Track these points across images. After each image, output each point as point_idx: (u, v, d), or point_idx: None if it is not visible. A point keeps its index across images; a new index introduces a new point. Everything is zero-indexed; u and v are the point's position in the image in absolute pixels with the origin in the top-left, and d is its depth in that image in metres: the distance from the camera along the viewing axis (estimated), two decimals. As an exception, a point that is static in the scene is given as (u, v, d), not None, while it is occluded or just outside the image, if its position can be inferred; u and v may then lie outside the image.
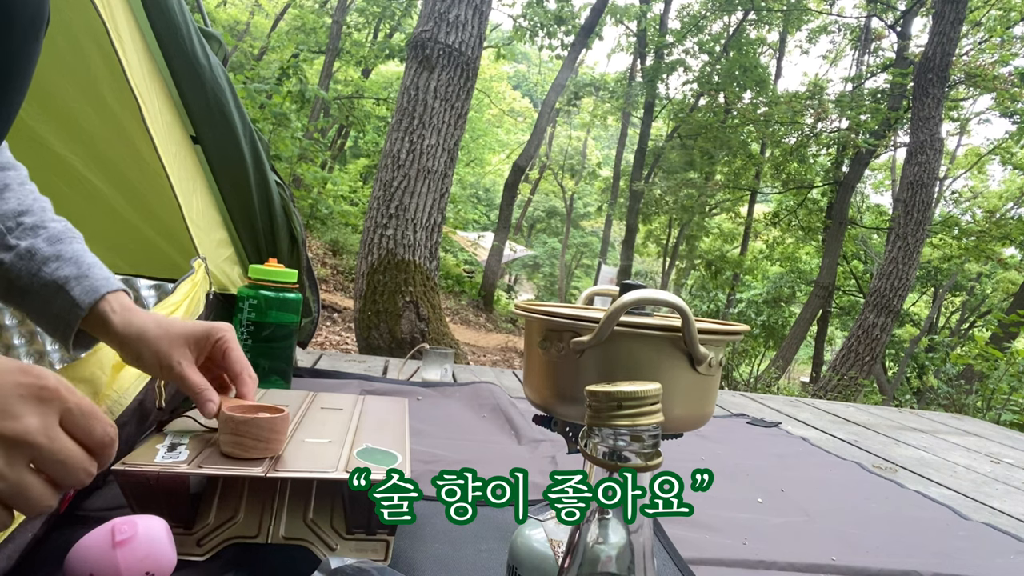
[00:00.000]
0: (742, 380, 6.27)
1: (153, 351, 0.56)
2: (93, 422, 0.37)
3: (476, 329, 8.55)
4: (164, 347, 0.56)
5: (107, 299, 0.56)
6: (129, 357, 0.58)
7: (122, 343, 0.57)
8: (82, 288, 0.55)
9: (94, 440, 0.37)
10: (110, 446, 0.38)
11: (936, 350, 6.01)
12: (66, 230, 0.59)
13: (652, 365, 0.54)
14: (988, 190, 12.26)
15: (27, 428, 0.33)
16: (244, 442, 0.55)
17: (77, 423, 0.36)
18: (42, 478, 0.35)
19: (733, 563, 0.73)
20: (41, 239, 0.56)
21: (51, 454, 0.35)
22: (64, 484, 0.36)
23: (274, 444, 0.56)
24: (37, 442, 0.34)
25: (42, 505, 0.35)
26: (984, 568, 0.80)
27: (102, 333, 0.57)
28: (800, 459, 1.26)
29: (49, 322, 0.56)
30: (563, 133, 18.86)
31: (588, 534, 0.31)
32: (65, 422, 0.36)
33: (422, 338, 3.22)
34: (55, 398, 0.35)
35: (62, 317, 0.55)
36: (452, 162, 3.54)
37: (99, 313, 0.56)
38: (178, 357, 0.57)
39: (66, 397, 0.36)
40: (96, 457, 0.38)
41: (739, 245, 12.75)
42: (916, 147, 5.38)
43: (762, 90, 10.78)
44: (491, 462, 0.96)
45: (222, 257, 1.14)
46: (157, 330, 0.57)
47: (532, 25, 10.08)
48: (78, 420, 0.36)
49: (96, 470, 0.38)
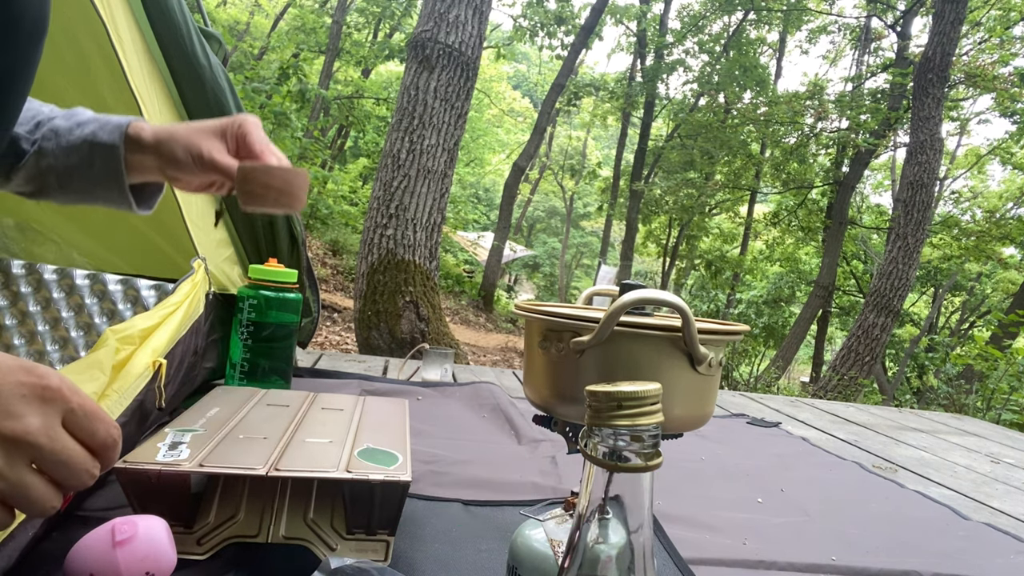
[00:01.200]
0: (742, 380, 6.27)
1: (184, 145, 0.58)
2: (96, 423, 0.37)
3: (476, 329, 8.55)
4: (195, 139, 0.59)
5: (132, 126, 0.59)
6: (166, 163, 0.59)
7: (158, 150, 0.59)
8: (108, 131, 0.58)
9: (97, 441, 0.37)
10: (113, 448, 0.38)
11: (936, 350, 6.02)
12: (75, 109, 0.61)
13: (652, 365, 0.54)
14: (988, 190, 12.26)
15: (28, 428, 0.33)
16: (255, 191, 0.55)
17: (80, 424, 0.36)
18: (45, 479, 0.35)
19: (733, 563, 0.73)
20: (58, 119, 0.59)
21: (52, 454, 0.34)
22: (67, 485, 0.36)
23: (290, 198, 0.56)
24: (38, 442, 0.34)
25: (45, 506, 0.35)
26: (984, 568, 0.80)
27: (141, 154, 0.59)
28: (800, 459, 1.26)
29: (104, 186, 0.59)
30: (563, 133, 18.86)
31: (588, 534, 0.31)
32: (68, 423, 0.36)
33: (422, 338, 3.23)
34: (57, 398, 0.35)
35: (108, 167, 0.58)
36: (452, 162, 3.54)
37: (133, 139, 0.58)
38: (207, 146, 0.59)
39: (69, 397, 0.35)
40: (99, 458, 0.37)
41: (739, 245, 12.75)
42: (916, 147, 5.38)
43: (762, 90, 10.78)
44: (491, 462, 0.96)
45: (222, 257, 1.14)
46: (185, 128, 0.60)
47: (532, 25, 10.08)
48: (81, 421, 0.36)
49: (99, 472, 0.37)
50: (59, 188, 0.59)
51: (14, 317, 1.10)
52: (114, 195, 0.60)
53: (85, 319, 1.13)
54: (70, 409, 0.35)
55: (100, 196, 0.60)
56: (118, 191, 0.59)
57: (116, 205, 0.62)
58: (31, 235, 1.18)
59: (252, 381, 1.02)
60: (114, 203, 0.61)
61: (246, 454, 0.56)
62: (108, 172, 0.58)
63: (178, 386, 0.89)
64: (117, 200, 0.61)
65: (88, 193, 0.60)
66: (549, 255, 19.44)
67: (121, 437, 0.39)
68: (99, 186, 0.59)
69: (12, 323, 1.10)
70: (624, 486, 0.30)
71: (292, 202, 0.58)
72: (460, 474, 0.88)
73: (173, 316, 0.83)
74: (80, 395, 0.36)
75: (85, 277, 1.13)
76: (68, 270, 1.12)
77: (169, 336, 0.81)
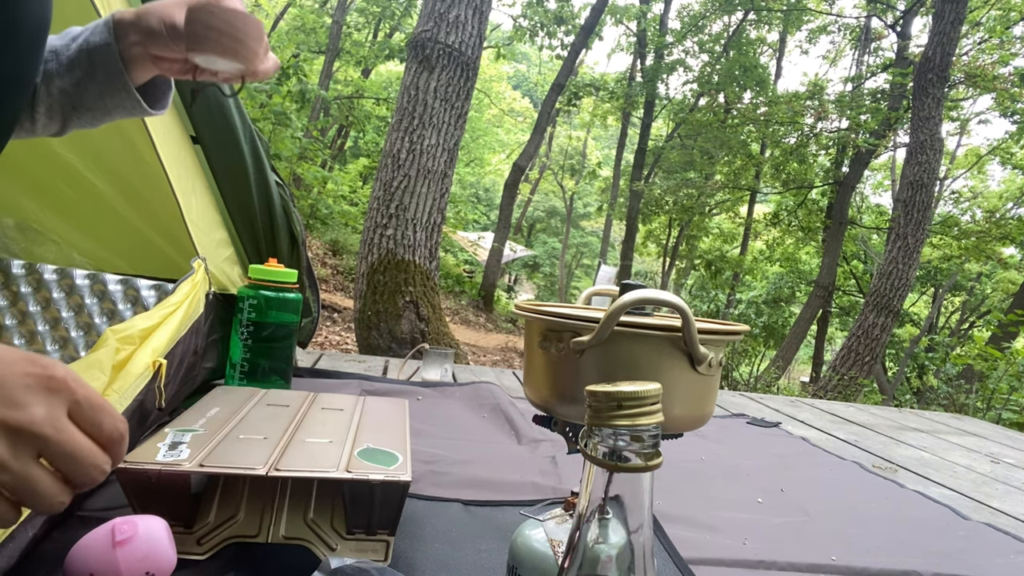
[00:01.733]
0: (742, 380, 6.27)
1: (159, 16, 0.58)
2: (102, 415, 0.36)
3: (476, 329, 8.55)
4: (168, 10, 0.58)
5: (115, 14, 0.59)
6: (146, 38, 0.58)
7: (137, 25, 0.58)
8: (98, 33, 0.57)
9: (103, 434, 0.36)
10: (120, 441, 0.37)
11: (936, 350, 6.02)
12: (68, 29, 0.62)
13: (652, 365, 0.54)
14: (988, 190, 12.26)
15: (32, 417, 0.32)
16: (197, 32, 0.53)
17: (85, 416, 0.35)
18: (52, 473, 0.34)
19: (733, 563, 0.73)
20: (54, 40, 0.59)
21: (59, 446, 0.33)
22: (76, 480, 0.35)
23: (236, 43, 0.54)
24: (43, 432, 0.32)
25: (53, 501, 0.34)
26: (984, 568, 0.80)
27: (129, 33, 0.58)
28: (800, 459, 1.26)
29: (111, 93, 0.59)
30: (563, 133, 18.86)
31: (588, 534, 0.31)
32: (73, 414, 0.35)
33: (422, 338, 3.22)
34: (63, 388, 0.34)
35: (108, 70, 0.58)
36: (452, 162, 3.54)
37: (120, 27, 0.57)
38: (179, 14, 0.58)
39: (74, 388, 0.34)
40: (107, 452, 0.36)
41: (739, 245, 12.75)
42: (916, 147, 5.38)
43: (762, 90, 10.78)
44: (491, 462, 0.96)
45: (222, 257, 1.14)
46: (161, 1, 0.59)
47: (532, 25, 10.08)
48: (86, 412, 0.35)
49: (109, 467, 0.36)
50: (74, 111, 0.60)
51: (14, 317, 1.10)
52: (123, 98, 0.60)
53: (85, 319, 1.13)
54: (75, 400, 0.34)
55: (112, 106, 0.60)
56: (124, 92, 0.59)
57: (129, 111, 0.61)
58: (31, 235, 1.18)
59: (252, 381, 1.02)
60: (126, 109, 0.61)
61: (246, 454, 0.56)
62: (110, 75, 0.58)
63: (178, 386, 0.89)
64: (128, 104, 0.60)
65: (101, 107, 0.60)
66: (549, 255, 19.44)
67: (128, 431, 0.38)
68: (107, 94, 0.59)
69: (12, 323, 1.10)
70: (624, 486, 0.30)
71: (239, 49, 0.54)
72: (460, 474, 0.88)
73: (173, 316, 0.83)
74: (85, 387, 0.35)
75: (85, 277, 1.13)
76: (68, 270, 1.12)
77: (169, 336, 0.81)
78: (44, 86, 0.58)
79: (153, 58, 0.60)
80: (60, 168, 1.13)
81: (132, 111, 0.62)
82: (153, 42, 0.58)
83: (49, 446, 0.33)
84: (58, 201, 1.18)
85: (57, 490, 0.34)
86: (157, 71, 0.61)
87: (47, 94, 0.58)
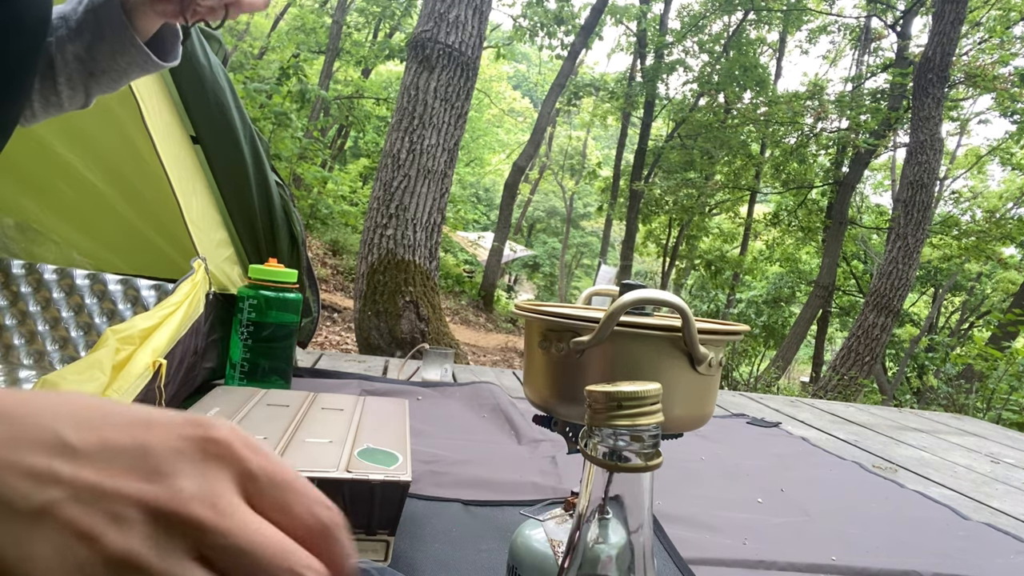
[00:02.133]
0: (742, 380, 6.27)
1: None
2: (290, 495, 0.23)
3: (476, 329, 8.55)
4: None
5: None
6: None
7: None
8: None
9: (297, 521, 0.23)
10: (325, 534, 0.23)
11: (936, 350, 6.02)
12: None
13: (652, 365, 0.54)
14: (988, 190, 12.26)
15: (176, 492, 0.20)
16: None
17: (265, 494, 0.23)
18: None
19: (733, 563, 0.73)
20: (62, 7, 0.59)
21: (224, 536, 0.21)
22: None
23: None
24: (195, 515, 0.20)
25: None
26: (984, 568, 0.80)
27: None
28: (800, 459, 1.26)
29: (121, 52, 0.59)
30: (563, 133, 18.86)
31: (588, 534, 0.31)
32: (250, 493, 0.22)
33: (422, 338, 3.23)
34: (225, 455, 0.22)
35: (114, 24, 0.58)
36: (452, 162, 3.54)
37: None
38: None
39: (245, 456, 0.22)
40: (310, 549, 0.22)
41: (739, 245, 12.75)
42: (916, 147, 5.38)
43: (762, 90, 10.78)
44: (491, 462, 0.96)
45: (222, 257, 1.14)
46: None
47: (532, 25, 10.09)
48: (266, 490, 0.23)
49: (318, 572, 0.22)
50: (92, 77, 0.60)
51: (14, 317, 1.10)
52: (133, 55, 0.60)
53: (85, 319, 1.13)
54: (248, 472, 0.22)
55: (125, 65, 0.61)
56: (133, 48, 0.60)
57: (142, 67, 0.62)
58: (31, 235, 1.18)
59: (252, 381, 1.02)
60: (139, 65, 0.62)
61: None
62: (116, 31, 0.58)
63: (178, 386, 0.89)
64: (139, 60, 0.61)
65: (115, 68, 0.61)
66: (549, 255, 19.44)
67: (341, 518, 0.24)
68: (118, 53, 0.60)
69: (12, 323, 1.10)
70: (624, 486, 0.30)
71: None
72: (460, 474, 0.88)
73: (173, 316, 0.83)
74: (264, 454, 0.23)
75: (85, 277, 1.13)
76: (68, 270, 1.13)
77: (169, 336, 0.81)
78: (59, 54, 0.58)
79: (151, 2, 0.60)
80: (60, 168, 1.13)
81: (144, 66, 0.62)
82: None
83: (207, 535, 0.21)
84: (58, 201, 1.18)
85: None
86: (156, 16, 0.62)
87: (63, 63, 0.59)
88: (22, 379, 1.02)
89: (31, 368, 1.08)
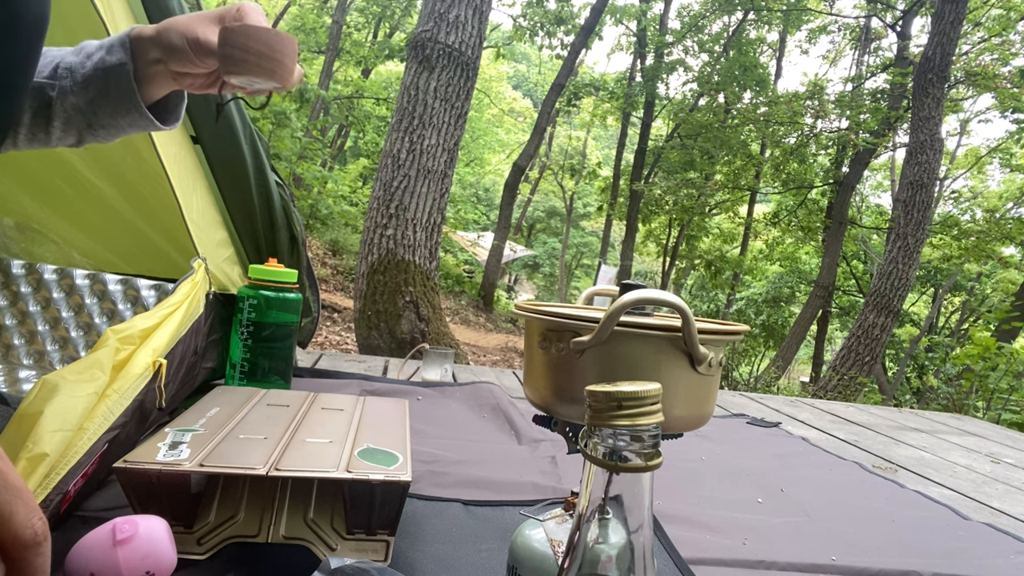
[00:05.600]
0: (742, 380, 6.27)
1: (180, 32, 0.57)
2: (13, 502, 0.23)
3: (476, 329, 8.55)
4: (192, 25, 0.57)
5: (134, 30, 0.58)
6: (167, 54, 0.58)
7: (159, 42, 0.57)
8: (114, 52, 0.56)
9: (9, 530, 0.23)
10: (32, 546, 0.24)
11: (936, 350, 6.02)
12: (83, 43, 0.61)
13: (652, 365, 0.54)
14: (988, 190, 12.26)
15: None
16: (235, 55, 0.53)
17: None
18: None
19: (733, 563, 0.73)
20: (69, 57, 0.58)
21: None
22: None
23: (273, 64, 0.54)
24: None
25: None
26: (984, 568, 0.80)
27: (148, 50, 0.57)
28: (800, 459, 1.26)
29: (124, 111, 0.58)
30: (563, 133, 18.86)
31: (588, 534, 0.31)
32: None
33: (422, 338, 3.22)
34: None
35: (121, 88, 0.57)
36: (452, 162, 3.54)
37: (137, 44, 0.57)
38: (203, 30, 0.57)
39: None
40: (7, 560, 0.23)
41: (739, 245, 12.75)
42: (916, 147, 5.38)
43: (762, 90, 10.78)
44: (491, 462, 0.96)
45: (222, 257, 1.14)
46: (185, 17, 0.59)
47: (532, 25, 10.09)
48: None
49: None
50: (89, 128, 0.59)
51: (14, 317, 1.10)
52: (135, 118, 0.60)
53: (85, 319, 1.13)
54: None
55: (125, 124, 0.60)
56: (137, 112, 0.59)
57: (142, 128, 0.61)
58: (31, 235, 1.18)
59: (252, 381, 1.02)
60: (139, 127, 0.61)
61: (246, 454, 0.56)
62: (123, 95, 0.58)
63: (178, 386, 0.89)
64: (141, 123, 0.60)
65: (114, 125, 0.60)
66: (549, 255, 19.44)
67: (47, 532, 0.25)
68: (120, 113, 0.59)
69: (12, 323, 1.10)
70: (624, 486, 0.30)
71: (276, 69, 0.54)
72: (460, 474, 0.88)
73: (173, 316, 0.83)
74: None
75: (85, 277, 1.13)
76: (68, 270, 1.13)
77: (169, 336, 0.81)
78: (59, 102, 0.58)
79: (174, 74, 0.59)
80: (60, 168, 1.13)
81: (144, 128, 0.62)
82: (174, 58, 0.58)
83: None
84: (58, 201, 1.18)
85: None
86: (178, 86, 0.61)
87: (62, 110, 0.58)
88: (22, 379, 1.02)
89: (31, 368, 1.08)
